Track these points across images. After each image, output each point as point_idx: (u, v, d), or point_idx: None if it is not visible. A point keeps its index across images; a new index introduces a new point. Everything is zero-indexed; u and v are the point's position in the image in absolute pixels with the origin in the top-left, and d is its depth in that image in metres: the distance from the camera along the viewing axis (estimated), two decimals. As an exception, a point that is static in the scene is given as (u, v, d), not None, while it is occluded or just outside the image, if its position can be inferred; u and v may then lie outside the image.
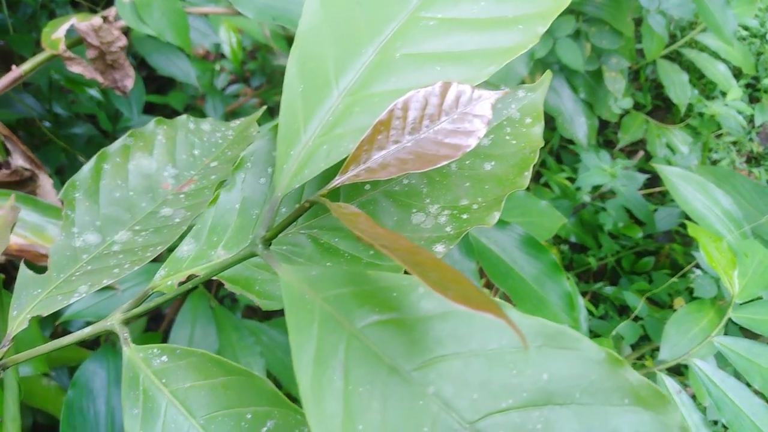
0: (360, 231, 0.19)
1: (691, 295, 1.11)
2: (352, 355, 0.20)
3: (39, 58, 0.70)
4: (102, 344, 0.94)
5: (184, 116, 0.44)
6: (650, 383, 0.20)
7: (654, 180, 1.28)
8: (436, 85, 0.22)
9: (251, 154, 0.29)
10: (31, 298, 0.33)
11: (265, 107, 0.47)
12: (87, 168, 0.39)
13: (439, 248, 0.26)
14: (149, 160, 0.41)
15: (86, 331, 0.29)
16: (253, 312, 1.07)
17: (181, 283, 0.28)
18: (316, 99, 0.24)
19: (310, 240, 0.28)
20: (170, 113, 1.53)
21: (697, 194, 1.00)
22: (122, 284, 0.78)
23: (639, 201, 1.10)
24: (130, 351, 0.26)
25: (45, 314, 0.32)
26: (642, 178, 1.16)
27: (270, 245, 0.24)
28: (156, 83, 1.50)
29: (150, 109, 1.30)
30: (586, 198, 1.19)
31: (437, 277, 0.16)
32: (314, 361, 0.20)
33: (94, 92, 1.11)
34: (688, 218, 1.21)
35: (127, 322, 0.28)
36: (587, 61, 1.08)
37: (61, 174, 1.09)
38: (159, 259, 0.39)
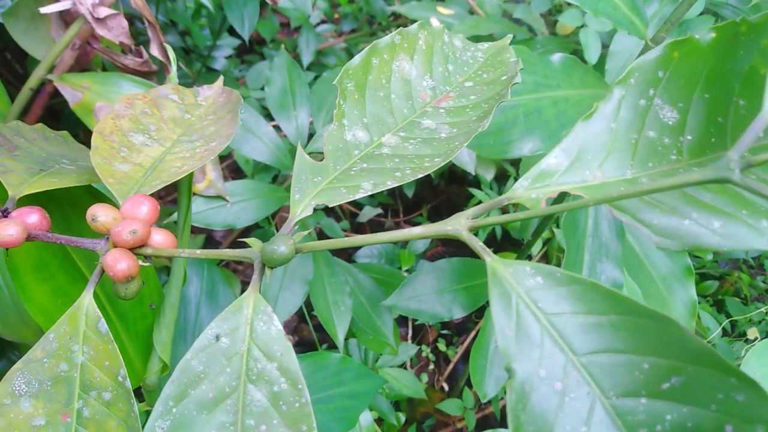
0: None
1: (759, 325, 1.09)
2: None
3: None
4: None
5: (440, 25, 0.39)
6: None
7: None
8: None
9: (636, 70, 0.25)
10: (312, 185, 0.29)
11: (512, 36, 0.42)
12: (358, 58, 0.34)
13: None
14: (410, 65, 0.37)
15: (416, 231, 0.25)
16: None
17: (553, 201, 0.24)
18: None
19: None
20: (254, 43, 1.47)
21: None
22: (232, 197, 0.74)
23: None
24: (493, 262, 0.23)
25: (330, 205, 0.28)
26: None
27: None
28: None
29: (236, 35, 1.25)
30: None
31: None
32: None
33: (206, 1, 1.05)
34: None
35: (474, 231, 0.24)
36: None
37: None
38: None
